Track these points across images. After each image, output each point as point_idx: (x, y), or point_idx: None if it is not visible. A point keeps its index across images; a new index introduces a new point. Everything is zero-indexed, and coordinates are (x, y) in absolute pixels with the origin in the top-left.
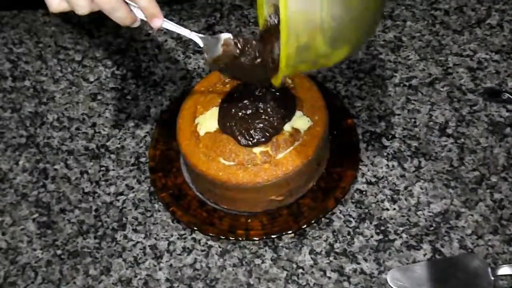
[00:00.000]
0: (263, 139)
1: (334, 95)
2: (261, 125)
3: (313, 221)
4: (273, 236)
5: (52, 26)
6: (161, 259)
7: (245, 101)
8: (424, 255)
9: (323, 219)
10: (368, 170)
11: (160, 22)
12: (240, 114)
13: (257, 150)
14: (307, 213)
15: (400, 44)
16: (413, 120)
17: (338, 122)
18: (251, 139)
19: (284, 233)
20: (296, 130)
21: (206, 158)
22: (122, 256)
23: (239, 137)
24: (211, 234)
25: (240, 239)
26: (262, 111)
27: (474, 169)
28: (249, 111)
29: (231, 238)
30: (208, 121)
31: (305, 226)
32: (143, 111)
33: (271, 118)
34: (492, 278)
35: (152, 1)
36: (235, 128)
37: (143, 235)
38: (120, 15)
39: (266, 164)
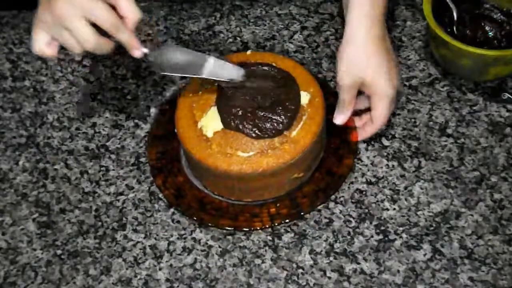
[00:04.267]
0: (273, 132)
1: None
2: (268, 118)
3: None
4: (287, 221)
5: None
6: (161, 259)
7: (244, 97)
8: (424, 255)
9: (323, 219)
10: (368, 170)
11: (138, 53)
12: (241, 112)
13: None
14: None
15: (400, 44)
16: (413, 120)
17: None
18: (262, 132)
19: (302, 214)
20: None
21: (224, 156)
22: (122, 256)
23: (249, 132)
24: (227, 228)
25: (256, 228)
26: (263, 104)
27: (474, 169)
28: (249, 109)
29: (245, 229)
30: (211, 122)
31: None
32: (143, 111)
33: (276, 109)
34: None
35: (131, 35)
36: (242, 126)
37: (143, 235)
38: (103, 50)
39: (285, 145)
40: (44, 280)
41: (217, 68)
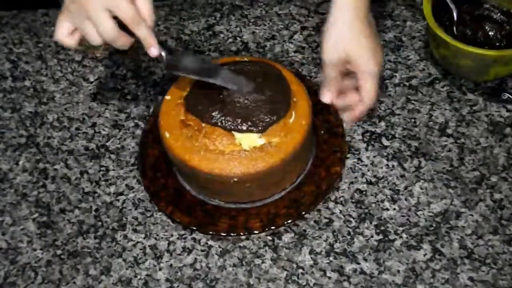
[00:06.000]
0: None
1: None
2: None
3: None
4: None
5: (52, 26)
6: (161, 259)
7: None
8: (424, 255)
9: (323, 219)
10: (368, 170)
11: (155, 51)
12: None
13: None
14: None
15: (400, 44)
16: (413, 120)
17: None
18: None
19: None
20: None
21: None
22: (122, 256)
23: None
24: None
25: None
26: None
27: (474, 169)
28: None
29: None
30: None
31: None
32: (143, 111)
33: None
34: None
35: (149, 33)
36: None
37: (143, 235)
38: (122, 44)
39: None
40: (44, 280)
41: (229, 77)
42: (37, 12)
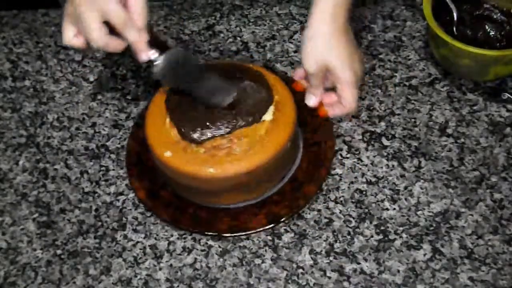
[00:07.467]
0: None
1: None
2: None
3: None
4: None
5: (52, 26)
6: (161, 259)
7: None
8: (424, 255)
9: (323, 219)
10: (368, 170)
11: (144, 57)
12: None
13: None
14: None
15: (400, 44)
16: (413, 120)
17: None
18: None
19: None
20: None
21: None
22: (122, 256)
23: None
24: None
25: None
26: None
27: (474, 169)
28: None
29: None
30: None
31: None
32: (143, 111)
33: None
34: None
35: (139, 38)
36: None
37: (143, 235)
38: (114, 49)
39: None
40: (44, 280)
41: (212, 88)
42: (37, 12)
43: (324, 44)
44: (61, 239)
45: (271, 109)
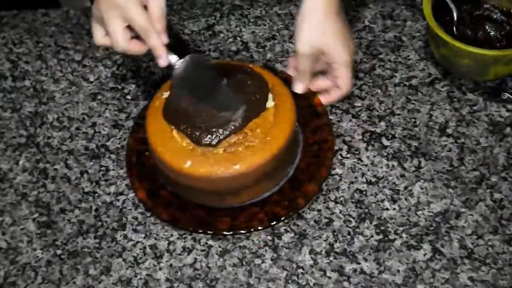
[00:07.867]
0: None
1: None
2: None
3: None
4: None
5: (52, 26)
6: (161, 259)
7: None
8: (424, 255)
9: (323, 219)
10: (368, 170)
11: (163, 62)
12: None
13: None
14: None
15: (400, 44)
16: (413, 120)
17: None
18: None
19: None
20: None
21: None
22: (122, 256)
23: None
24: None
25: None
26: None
27: (474, 169)
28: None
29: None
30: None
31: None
32: (143, 111)
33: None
34: None
35: (159, 43)
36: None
37: (143, 235)
38: (135, 53)
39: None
40: (44, 280)
41: (225, 102)
42: (37, 12)
43: (318, 26)
44: (61, 239)
45: (270, 96)
